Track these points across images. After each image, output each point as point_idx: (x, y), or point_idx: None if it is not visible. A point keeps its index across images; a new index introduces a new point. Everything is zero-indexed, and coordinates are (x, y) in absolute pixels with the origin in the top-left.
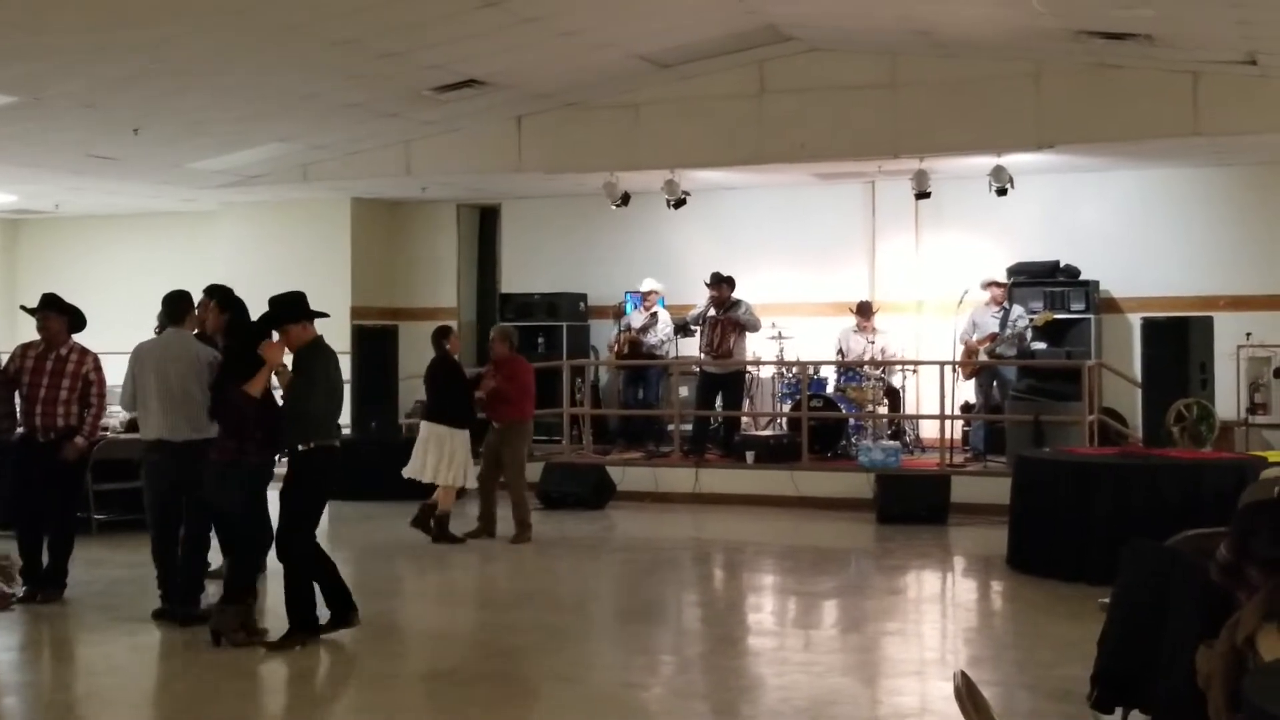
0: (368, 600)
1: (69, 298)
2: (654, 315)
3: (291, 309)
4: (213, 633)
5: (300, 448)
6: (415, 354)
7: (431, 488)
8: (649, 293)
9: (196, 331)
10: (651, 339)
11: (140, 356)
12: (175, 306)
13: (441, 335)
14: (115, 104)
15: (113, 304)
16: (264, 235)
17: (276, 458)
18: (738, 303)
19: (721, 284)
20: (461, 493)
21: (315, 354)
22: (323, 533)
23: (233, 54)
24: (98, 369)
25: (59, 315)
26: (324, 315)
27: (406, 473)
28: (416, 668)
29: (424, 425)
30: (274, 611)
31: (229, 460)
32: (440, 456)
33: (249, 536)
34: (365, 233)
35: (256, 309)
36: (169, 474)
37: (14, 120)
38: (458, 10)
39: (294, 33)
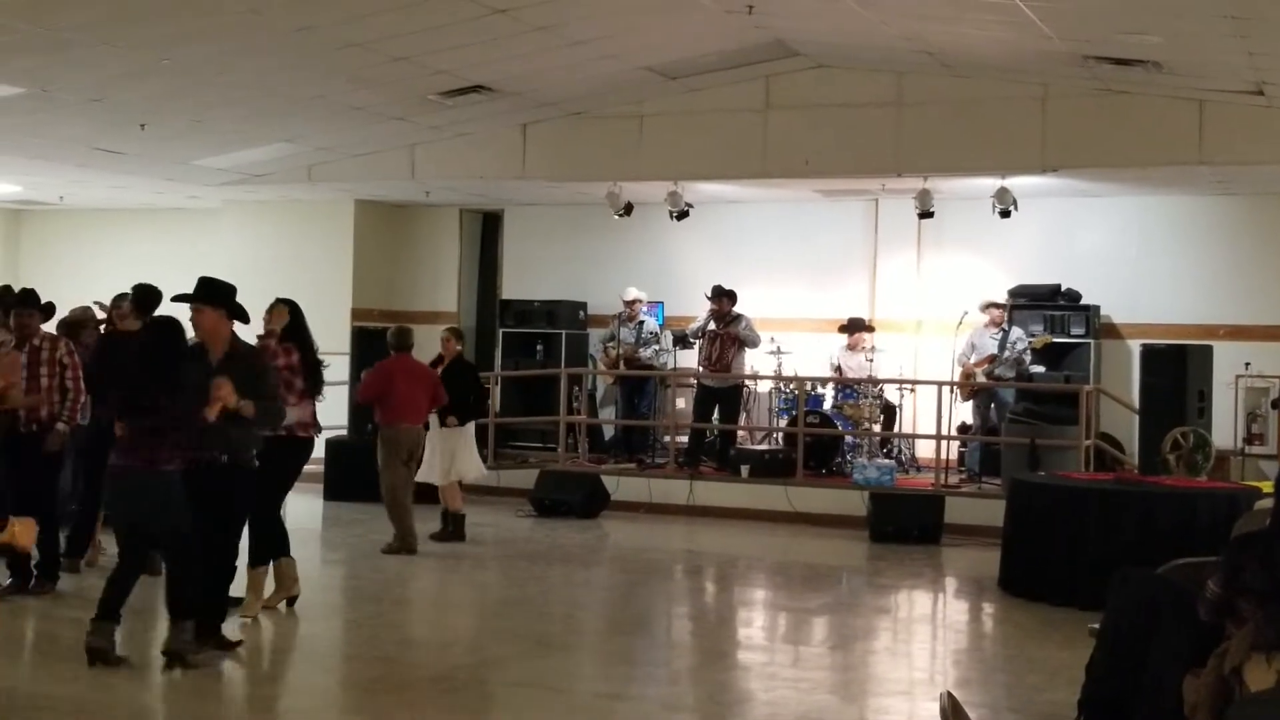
0: (356, 603)
1: (71, 290)
2: (640, 324)
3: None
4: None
5: None
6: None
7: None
8: (633, 301)
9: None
10: (645, 352)
11: None
12: None
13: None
14: (122, 98)
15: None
16: (267, 234)
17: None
18: (738, 318)
19: (722, 297)
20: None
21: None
22: (314, 533)
23: (242, 53)
24: (71, 353)
25: (39, 312)
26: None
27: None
28: (400, 673)
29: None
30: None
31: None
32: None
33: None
34: (368, 235)
35: (258, 307)
36: None
37: (21, 112)
38: (468, 16)
39: (304, 34)
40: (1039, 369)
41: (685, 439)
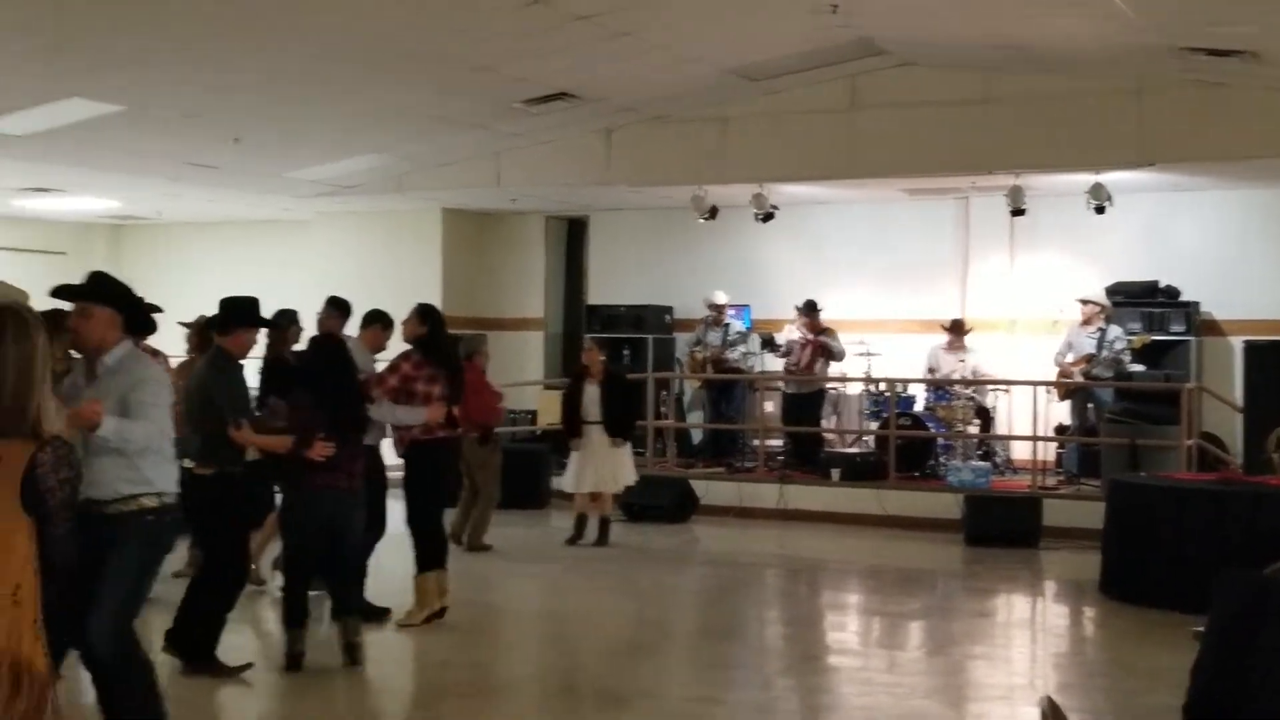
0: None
1: (169, 302)
2: (726, 327)
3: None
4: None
5: None
6: (501, 364)
7: None
8: (720, 305)
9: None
10: (733, 354)
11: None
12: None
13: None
14: (216, 114)
15: (210, 310)
16: (357, 245)
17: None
18: (826, 329)
19: (815, 313)
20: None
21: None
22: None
23: (330, 66)
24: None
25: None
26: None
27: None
28: (492, 676)
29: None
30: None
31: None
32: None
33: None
34: (455, 243)
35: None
36: None
37: (118, 128)
38: (552, 24)
39: (390, 44)
40: (1138, 368)
41: (774, 443)
